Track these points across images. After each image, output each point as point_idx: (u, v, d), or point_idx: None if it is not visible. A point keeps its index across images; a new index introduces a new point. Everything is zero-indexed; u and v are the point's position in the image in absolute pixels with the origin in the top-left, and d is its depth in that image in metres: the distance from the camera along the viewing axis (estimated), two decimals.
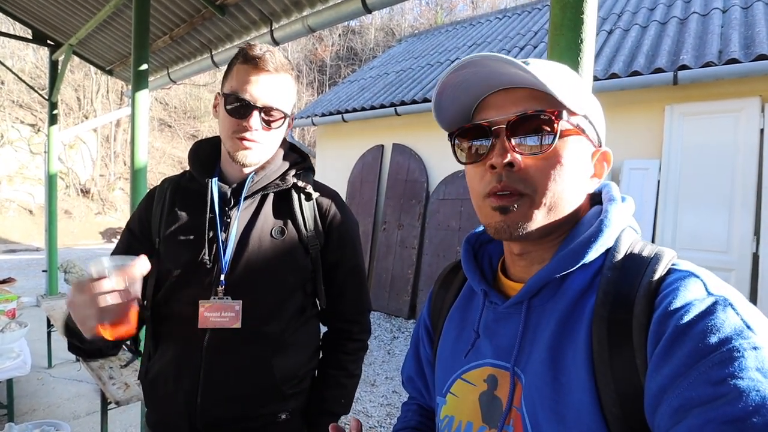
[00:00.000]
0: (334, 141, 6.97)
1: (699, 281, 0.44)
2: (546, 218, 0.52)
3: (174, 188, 1.03)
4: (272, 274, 0.97)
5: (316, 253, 1.02)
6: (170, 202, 1.01)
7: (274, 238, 0.97)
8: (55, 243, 5.40)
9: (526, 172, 0.50)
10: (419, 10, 26.45)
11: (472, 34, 7.76)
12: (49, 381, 3.42)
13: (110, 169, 15.57)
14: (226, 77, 0.95)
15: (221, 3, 3.31)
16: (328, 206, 1.05)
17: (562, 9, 1.19)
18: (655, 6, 5.11)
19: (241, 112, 0.91)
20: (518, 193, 0.51)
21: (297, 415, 1.02)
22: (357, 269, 1.09)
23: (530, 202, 0.51)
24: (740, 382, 0.35)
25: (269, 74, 0.91)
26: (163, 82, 4.89)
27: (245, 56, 0.91)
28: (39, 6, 4.39)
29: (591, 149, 0.56)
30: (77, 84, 15.44)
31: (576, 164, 0.52)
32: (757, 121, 3.47)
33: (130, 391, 2.09)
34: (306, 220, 1.01)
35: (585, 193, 0.56)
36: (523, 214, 0.51)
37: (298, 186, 1.01)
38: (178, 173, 1.08)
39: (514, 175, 0.51)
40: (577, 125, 0.53)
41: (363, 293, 1.12)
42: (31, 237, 11.89)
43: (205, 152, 1.04)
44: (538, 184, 0.50)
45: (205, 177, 0.99)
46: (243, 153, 0.93)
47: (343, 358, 1.08)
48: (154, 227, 1.01)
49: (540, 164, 0.50)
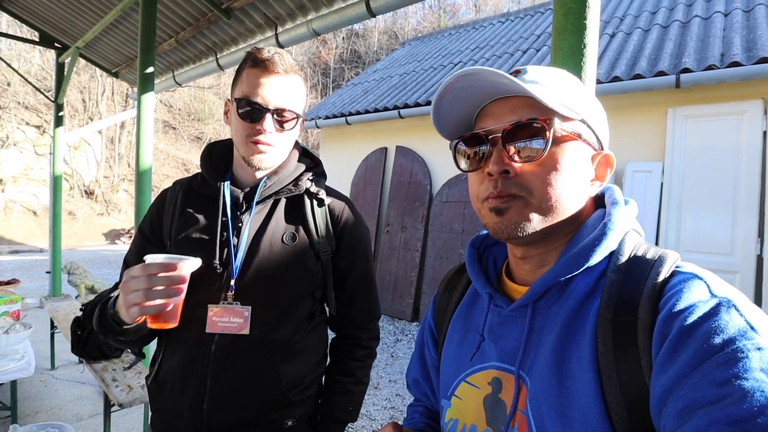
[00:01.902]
0: (338, 143, 6.99)
1: (703, 283, 0.45)
2: (543, 220, 0.53)
3: (186, 191, 1.03)
4: (282, 280, 0.96)
5: (327, 259, 1.01)
6: (182, 204, 1.01)
7: (285, 243, 0.97)
8: (59, 244, 5.42)
9: (522, 177, 0.52)
10: (422, 13, 26.54)
11: (475, 37, 7.78)
12: (52, 383, 3.43)
13: (114, 171, 15.65)
14: (236, 83, 0.95)
15: (227, 7, 3.34)
16: (341, 212, 1.04)
17: (565, 15, 1.20)
18: (657, 9, 5.11)
19: (254, 116, 0.91)
20: (514, 195, 0.52)
21: (303, 422, 1.01)
22: (367, 276, 1.09)
23: (524, 203, 0.52)
24: (745, 382, 0.36)
25: (279, 76, 0.91)
26: (169, 84, 4.92)
27: (254, 60, 0.91)
28: (46, 9, 4.44)
29: (590, 153, 0.56)
30: (83, 86, 15.55)
31: (572, 168, 0.53)
32: (760, 124, 3.47)
33: (133, 394, 2.10)
34: (318, 226, 1.00)
35: (586, 197, 0.56)
36: (519, 213, 0.52)
37: (310, 191, 1.01)
38: (190, 176, 1.08)
39: (510, 181, 0.52)
40: (572, 130, 0.53)
41: (373, 300, 1.11)
42: (35, 238, 11.94)
43: (217, 155, 1.04)
44: (533, 187, 0.52)
45: (217, 180, 0.99)
46: (258, 157, 0.93)
47: (352, 365, 1.08)
48: (166, 229, 1.01)
49: (535, 170, 0.52)
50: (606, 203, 0.57)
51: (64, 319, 3.33)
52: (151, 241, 1.02)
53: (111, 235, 13.93)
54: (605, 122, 0.59)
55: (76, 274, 4.89)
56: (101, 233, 13.92)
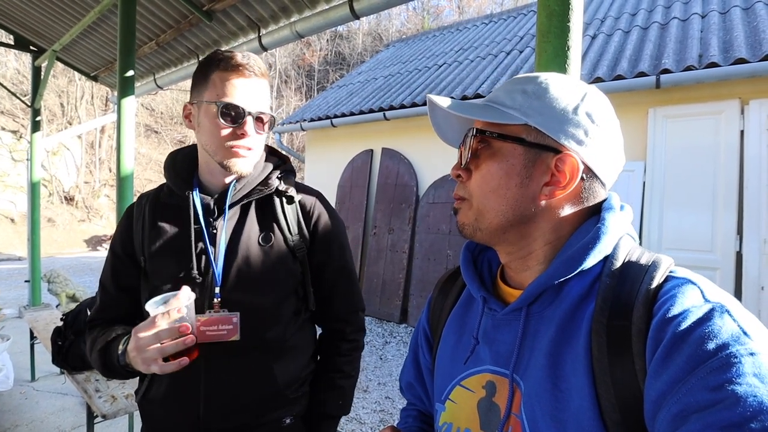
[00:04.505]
0: (324, 146, 6.96)
1: (696, 288, 0.45)
2: (478, 220, 0.57)
3: (153, 204, 1.00)
4: (265, 282, 0.96)
5: (303, 255, 1.01)
6: (151, 218, 0.99)
7: (261, 245, 0.97)
8: (38, 252, 5.28)
9: (468, 181, 0.59)
10: (406, 15, 26.64)
11: (459, 38, 7.83)
12: (32, 395, 3.33)
13: (95, 176, 15.31)
14: (203, 86, 0.92)
15: (208, 9, 3.29)
16: (312, 207, 1.04)
17: (549, 17, 1.21)
18: (637, 11, 5.22)
19: (237, 120, 0.90)
20: (461, 198, 0.60)
21: (300, 419, 1.03)
22: (345, 268, 1.09)
23: (468, 205, 0.59)
24: (738, 387, 0.36)
25: (257, 79, 0.92)
26: (150, 88, 4.83)
27: (227, 64, 0.89)
28: (21, 12, 4.31)
29: (535, 157, 0.53)
30: (61, 90, 15.19)
31: (504, 173, 0.55)
32: (737, 123, 3.56)
33: (117, 404, 2.05)
34: (290, 224, 1.00)
35: (536, 200, 0.54)
36: (464, 214, 0.59)
37: (279, 190, 1.01)
38: (155, 188, 1.05)
39: (460, 185, 0.60)
40: (512, 136, 0.54)
41: (353, 293, 1.11)
42: (13, 246, 11.60)
43: (182, 164, 1.01)
44: (472, 191, 0.58)
45: (184, 189, 0.97)
46: (238, 161, 0.92)
47: (338, 359, 1.08)
48: (137, 246, 0.98)
49: (473, 175, 0.58)
50: (602, 208, 0.57)
51: (44, 330, 3.23)
52: (124, 260, 1.00)
53: (92, 242, 13.62)
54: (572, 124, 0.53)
55: (57, 282, 4.75)
56: (82, 240, 13.60)
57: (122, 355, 0.85)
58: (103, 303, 1.02)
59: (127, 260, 1.00)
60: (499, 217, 0.56)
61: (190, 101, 0.95)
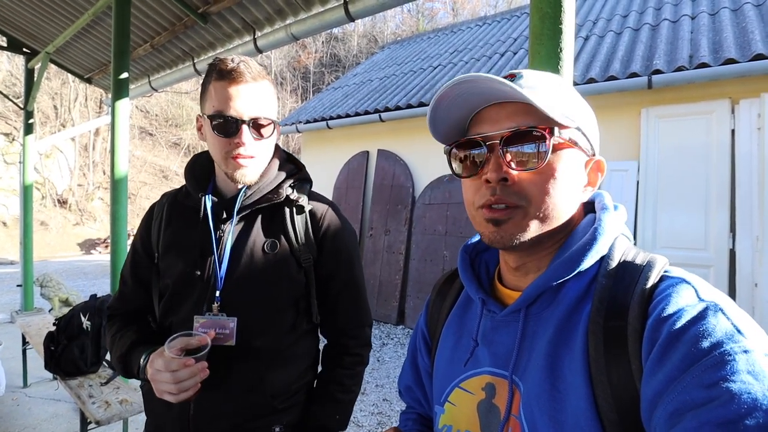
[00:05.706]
0: (319, 148, 6.95)
1: (690, 287, 0.45)
2: (539, 228, 0.52)
3: (171, 203, 1.04)
4: (265, 290, 0.96)
5: (309, 266, 1.00)
6: (167, 217, 1.03)
7: (266, 252, 0.97)
8: (31, 256, 5.22)
9: (520, 185, 0.52)
10: (401, 17, 26.72)
11: (453, 40, 7.86)
12: (24, 401, 3.29)
13: (89, 179, 15.20)
14: (204, 98, 0.93)
15: (203, 11, 3.28)
16: (322, 217, 1.03)
17: (541, 19, 1.22)
18: (628, 13, 5.27)
19: (230, 130, 0.89)
20: (513, 206, 0.52)
21: (291, 429, 1.01)
22: (353, 282, 1.07)
23: (524, 213, 0.52)
24: (732, 385, 0.37)
25: (249, 84, 0.89)
26: (144, 90, 4.81)
27: (219, 72, 0.88)
28: (14, 13, 4.28)
29: (584, 159, 0.56)
30: (54, 92, 15.08)
31: (569, 176, 0.53)
32: (728, 122, 3.60)
33: (111, 410, 2.03)
34: (297, 234, 0.99)
35: (578, 203, 0.57)
36: (517, 224, 0.52)
37: (290, 199, 1.00)
38: (177, 188, 1.08)
39: (508, 188, 0.52)
40: (569, 138, 0.53)
41: (360, 307, 1.09)
42: (5, 250, 11.49)
43: (200, 167, 1.04)
44: (532, 196, 0.51)
45: (199, 192, 0.99)
46: (241, 172, 0.92)
47: (339, 372, 1.06)
48: (153, 242, 1.03)
49: (534, 178, 0.51)
50: (596, 209, 0.57)
51: (37, 335, 3.20)
52: (142, 255, 1.05)
53: (86, 245, 13.51)
54: (596, 127, 0.59)
55: (49, 286, 4.70)
56: (76, 243, 13.50)
57: (142, 371, 0.91)
58: (122, 294, 1.07)
59: (144, 255, 1.04)
60: (560, 221, 0.53)
61: (200, 113, 0.97)
